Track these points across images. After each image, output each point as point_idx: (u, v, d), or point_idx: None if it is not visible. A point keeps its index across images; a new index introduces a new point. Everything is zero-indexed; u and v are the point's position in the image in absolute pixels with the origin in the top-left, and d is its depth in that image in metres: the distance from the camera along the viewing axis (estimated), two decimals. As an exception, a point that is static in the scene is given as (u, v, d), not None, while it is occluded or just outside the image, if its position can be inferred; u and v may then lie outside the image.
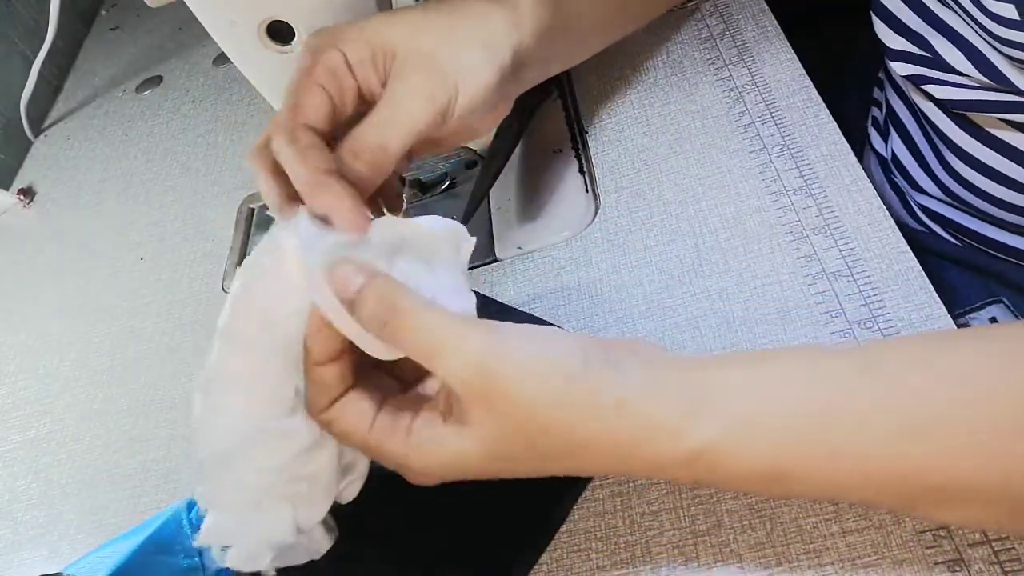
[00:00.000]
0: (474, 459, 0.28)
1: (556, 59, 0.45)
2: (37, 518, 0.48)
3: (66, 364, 0.56)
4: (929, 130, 0.50)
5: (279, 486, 0.29)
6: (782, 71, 0.50)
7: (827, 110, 0.47)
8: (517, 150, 0.54)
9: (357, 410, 0.29)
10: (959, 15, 0.42)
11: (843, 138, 0.46)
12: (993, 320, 0.51)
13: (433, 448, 0.29)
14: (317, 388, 0.29)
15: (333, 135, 0.35)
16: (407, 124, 0.34)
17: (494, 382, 0.26)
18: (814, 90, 0.48)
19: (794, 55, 0.51)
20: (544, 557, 0.36)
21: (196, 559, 0.38)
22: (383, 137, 0.33)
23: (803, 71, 0.50)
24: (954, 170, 0.48)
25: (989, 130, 0.44)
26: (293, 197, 0.33)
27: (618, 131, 0.52)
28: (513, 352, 0.27)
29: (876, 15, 0.48)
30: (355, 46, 0.34)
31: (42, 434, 0.53)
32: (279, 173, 0.34)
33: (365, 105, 0.36)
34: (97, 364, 0.55)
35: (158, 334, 0.55)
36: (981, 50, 0.42)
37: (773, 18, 0.54)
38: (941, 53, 0.44)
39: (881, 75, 0.60)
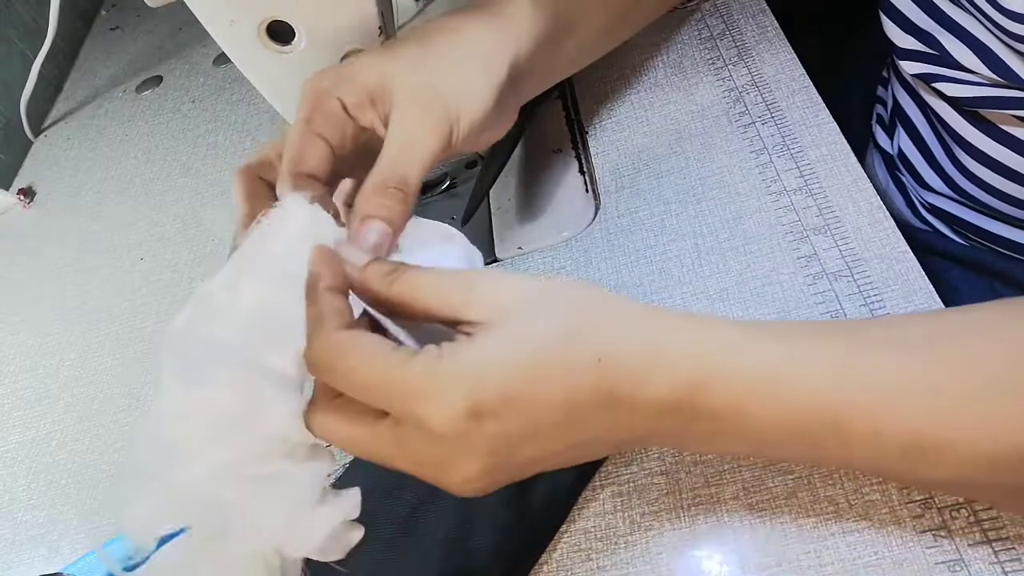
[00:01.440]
0: (499, 363, 0.26)
1: (558, 68, 0.45)
2: (37, 518, 0.48)
3: (66, 364, 0.56)
4: (939, 126, 0.50)
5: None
6: (782, 71, 0.50)
7: (827, 110, 0.47)
8: (517, 150, 0.54)
9: (371, 340, 0.28)
10: (970, 13, 0.42)
11: (843, 138, 0.46)
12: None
13: (457, 361, 0.26)
14: (326, 312, 0.28)
15: (336, 176, 0.36)
16: (420, 155, 0.34)
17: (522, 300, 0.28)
18: (814, 90, 0.48)
19: (794, 55, 0.51)
20: (544, 557, 0.37)
21: (196, 559, 0.38)
22: (403, 171, 0.33)
23: (803, 71, 0.50)
24: (964, 166, 0.48)
25: (1001, 126, 0.44)
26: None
27: (618, 131, 0.52)
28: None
29: (884, 14, 0.48)
30: (351, 90, 0.35)
31: (42, 434, 0.53)
32: (256, 199, 0.36)
33: (367, 142, 0.37)
34: (97, 364, 0.55)
35: (158, 334, 0.55)
36: (992, 48, 0.42)
37: (773, 18, 0.53)
38: (951, 51, 0.44)
39: (886, 73, 0.60)
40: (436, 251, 0.34)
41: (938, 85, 0.45)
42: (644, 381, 0.27)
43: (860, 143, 0.63)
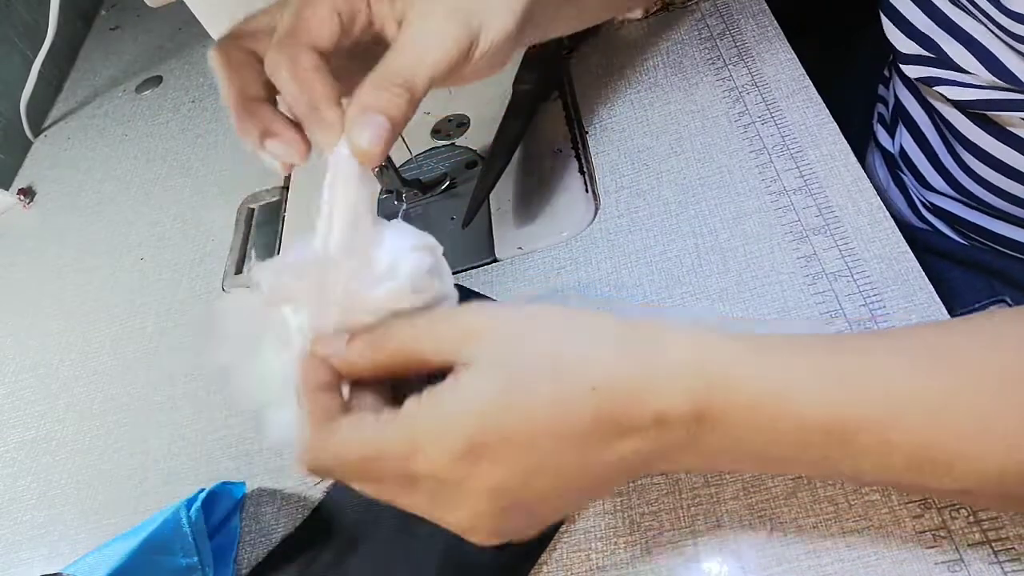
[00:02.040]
0: (488, 398, 0.26)
1: (560, 18, 0.43)
2: (37, 518, 0.48)
3: (66, 364, 0.56)
4: (941, 126, 0.50)
5: None
6: (782, 71, 0.50)
7: (827, 110, 0.47)
8: (517, 150, 0.54)
9: (348, 421, 0.28)
10: (971, 15, 0.42)
11: (843, 138, 0.46)
12: (995, 319, 0.51)
13: (440, 406, 0.26)
14: (312, 412, 0.28)
15: (331, 63, 0.32)
16: (433, 57, 0.31)
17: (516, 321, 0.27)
18: (814, 90, 0.48)
19: (794, 55, 0.51)
20: (544, 557, 0.36)
21: (195, 559, 0.38)
22: (411, 75, 0.31)
23: (803, 71, 0.50)
24: (967, 166, 0.48)
25: (1005, 126, 0.44)
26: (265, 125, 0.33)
27: (618, 131, 0.52)
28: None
29: (886, 16, 0.48)
30: None
31: (42, 434, 0.53)
32: (242, 68, 0.33)
33: (370, 46, 0.34)
34: (97, 364, 0.55)
35: (158, 334, 0.55)
36: (992, 50, 0.42)
37: (773, 18, 0.54)
38: (951, 55, 0.44)
39: (887, 72, 0.60)
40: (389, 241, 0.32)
41: (940, 89, 0.45)
42: (644, 401, 0.26)
43: (860, 142, 0.63)
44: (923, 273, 0.39)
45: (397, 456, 0.26)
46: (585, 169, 0.52)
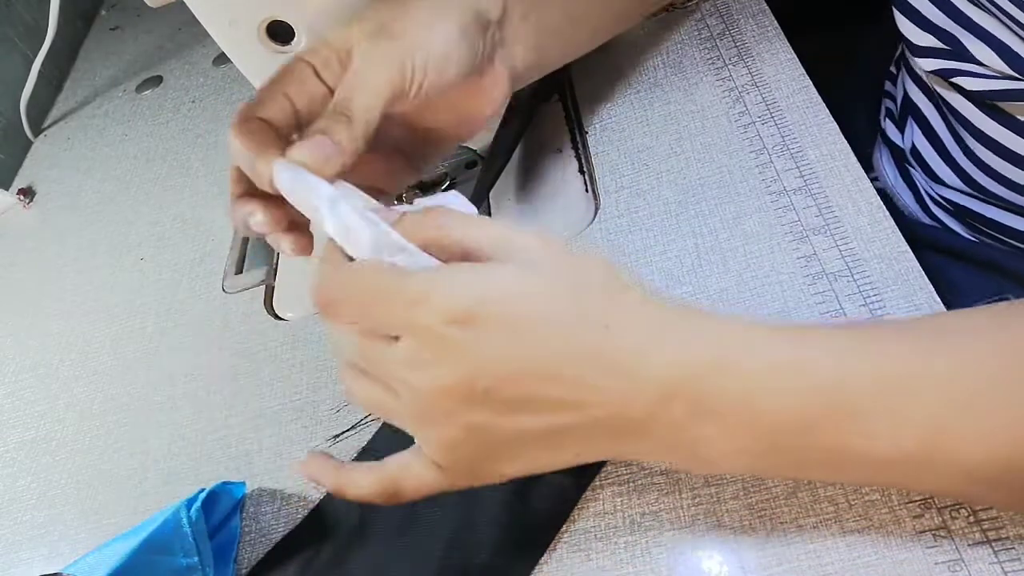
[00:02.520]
0: (507, 281, 0.27)
1: (551, 42, 0.44)
2: (37, 518, 0.48)
3: (66, 364, 0.56)
4: (952, 119, 0.50)
5: None
6: (782, 71, 0.50)
7: (827, 110, 0.47)
8: (517, 150, 0.54)
9: (376, 263, 0.29)
10: (989, 12, 0.42)
11: (843, 138, 0.46)
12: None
13: (460, 272, 0.27)
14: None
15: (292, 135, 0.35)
16: (371, 87, 0.34)
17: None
18: (814, 90, 0.48)
19: (794, 55, 0.51)
20: (544, 557, 0.36)
21: (195, 559, 0.38)
22: (345, 106, 0.33)
23: (803, 71, 0.50)
24: (978, 158, 0.48)
25: (1018, 117, 0.44)
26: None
27: (618, 131, 0.52)
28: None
29: (899, 11, 0.48)
30: (319, 53, 0.35)
31: (42, 434, 0.53)
32: (266, 142, 0.35)
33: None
34: (97, 364, 0.55)
35: (158, 334, 0.55)
36: (1012, 45, 0.41)
37: (773, 18, 0.53)
38: (969, 48, 0.44)
39: (893, 68, 0.60)
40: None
41: (956, 79, 0.45)
42: (649, 354, 0.26)
43: (865, 139, 0.63)
44: (923, 273, 0.39)
45: (405, 300, 0.27)
46: (585, 169, 0.52)
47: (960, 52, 0.44)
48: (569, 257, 0.28)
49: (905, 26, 0.48)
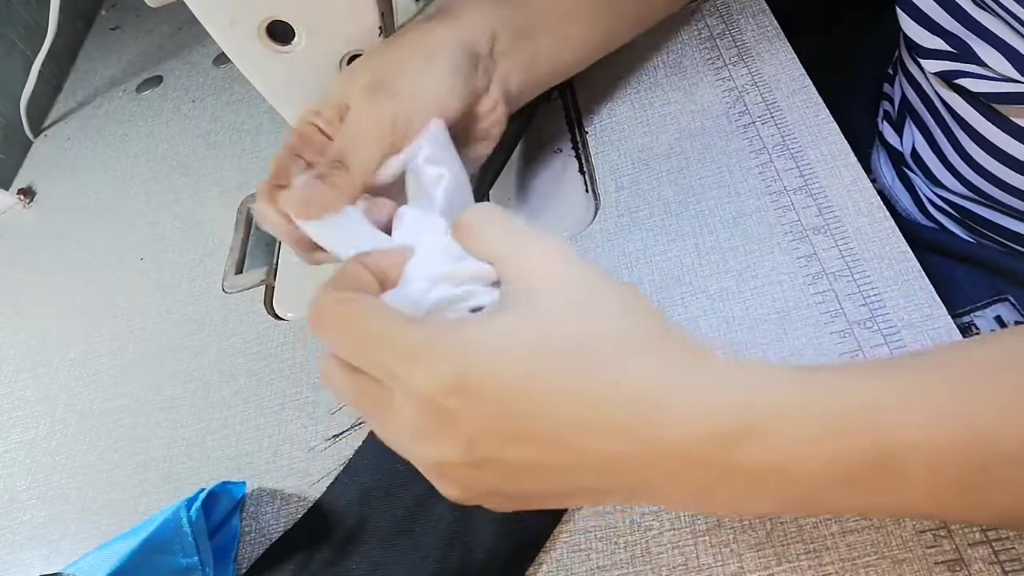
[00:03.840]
0: (501, 347, 0.24)
1: (547, 60, 0.45)
2: (37, 518, 0.48)
3: (66, 364, 0.56)
4: (949, 122, 0.50)
5: None
6: (782, 71, 0.50)
7: (827, 110, 0.47)
8: (517, 150, 0.54)
9: (379, 301, 0.28)
10: (997, 15, 0.42)
11: (843, 138, 0.46)
12: (998, 318, 0.51)
13: (459, 332, 0.24)
14: (347, 276, 0.29)
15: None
16: (361, 137, 0.37)
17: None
18: (814, 90, 0.48)
19: (794, 55, 0.51)
20: (544, 557, 0.36)
21: (195, 558, 0.38)
22: (339, 154, 0.37)
23: (803, 71, 0.50)
24: (976, 162, 0.48)
25: (1016, 120, 0.44)
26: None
27: (618, 131, 0.52)
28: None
29: (905, 13, 0.48)
30: (322, 113, 0.39)
31: (42, 434, 0.53)
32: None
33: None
34: (97, 364, 0.55)
35: (158, 334, 0.55)
36: (1019, 50, 0.41)
37: (773, 18, 0.53)
38: (976, 51, 0.44)
39: (891, 70, 0.60)
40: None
41: (961, 81, 0.45)
42: (669, 417, 0.23)
43: (863, 140, 0.63)
44: (923, 273, 0.39)
45: (397, 355, 0.25)
46: (585, 169, 0.52)
47: (966, 54, 0.44)
48: (578, 284, 0.25)
49: (910, 27, 0.48)
